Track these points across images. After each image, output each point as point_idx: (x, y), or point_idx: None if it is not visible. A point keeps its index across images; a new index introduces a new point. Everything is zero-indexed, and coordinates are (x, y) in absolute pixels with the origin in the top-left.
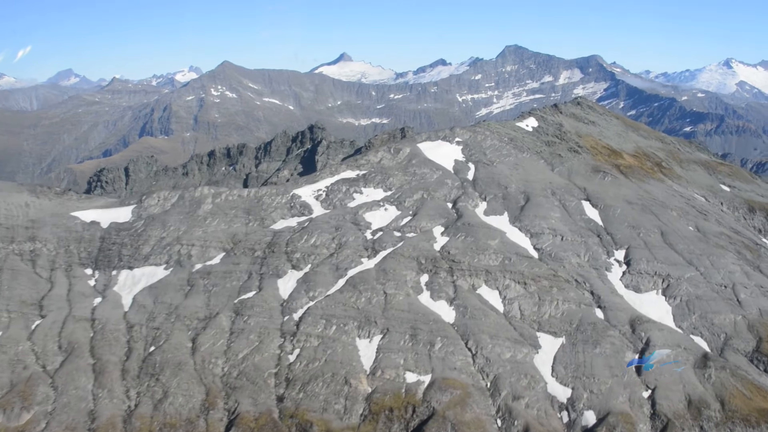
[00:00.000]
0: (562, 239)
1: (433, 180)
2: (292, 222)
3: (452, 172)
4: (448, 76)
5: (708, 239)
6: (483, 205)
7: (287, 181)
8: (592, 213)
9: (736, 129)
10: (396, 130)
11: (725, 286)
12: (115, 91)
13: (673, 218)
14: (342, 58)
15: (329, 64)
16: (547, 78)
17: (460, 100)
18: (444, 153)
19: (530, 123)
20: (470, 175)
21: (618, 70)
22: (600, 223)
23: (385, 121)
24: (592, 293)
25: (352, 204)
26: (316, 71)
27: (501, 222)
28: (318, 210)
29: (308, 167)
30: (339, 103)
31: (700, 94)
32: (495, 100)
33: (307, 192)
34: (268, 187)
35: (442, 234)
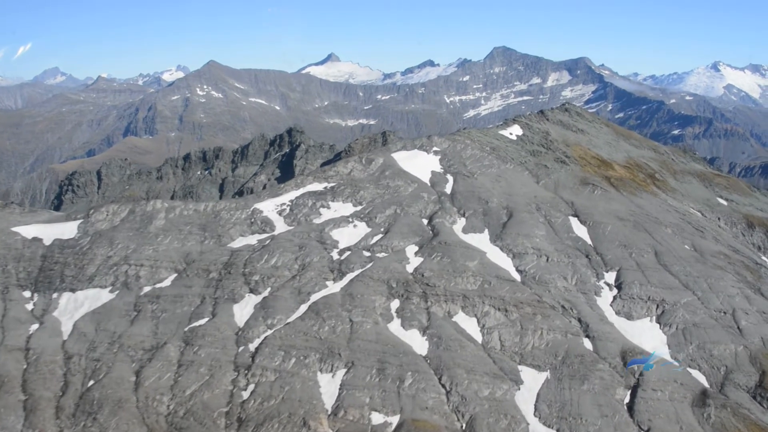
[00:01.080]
0: (547, 260)
1: (407, 193)
2: (252, 240)
3: (429, 184)
4: (436, 77)
5: (705, 259)
6: (461, 222)
7: (264, 187)
8: (581, 230)
9: (724, 132)
10: (377, 135)
11: (725, 312)
12: (100, 90)
13: (668, 236)
14: (330, 58)
15: (317, 64)
16: (536, 80)
17: (447, 101)
18: (420, 164)
19: (514, 131)
20: (448, 188)
21: (606, 72)
22: (589, 241)
23: (372, 122)
24: (579, 321)
25: (318, 220)
26: (304, 71)
27: (481, 240)
28: (281, 226)
29: (286, 172)
30: (326, 103)
31: (688, 97)
32: (483, 101)
33: (269, 206)
34: (227, 201)
35: (416, 254)
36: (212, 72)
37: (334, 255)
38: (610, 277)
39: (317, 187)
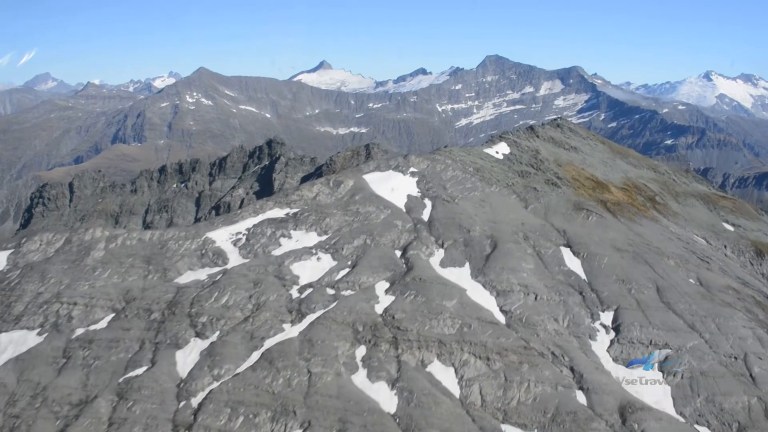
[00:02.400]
0: (536, 298)
1: (379, 221)
2: (202, 274)
3: (404, 210)
4: (428, 85)
5: (713, 295)
6: (439, 254)
7: (242, 201)
8: (574, 263)
9: (718, 142)
10: (360, 147)
11: (735, 358)
12: (89, 97)
13: (671, 269)
14: (322, 65)
15: (309, 71)
16: (528, 89)
17: (440, 110)
18: (395, 186)
19: (501, 149)
20: (425, 215)
21: (599, 81)
22: (583, 276)
23: (363, 131)
24: (572, 370)
25: (277, 251)
26: (295, 79)
27: (461, 276)
28: (235, 259)
29: (265, 186)
30: (317, 111)
31: (680, 107)
32: (475, 110)
33: (223, 235)
34: (176, 228)
35: (387, 291)
36: (202, 79)
37: (294, 293)
38: (607, 317)
39: (278, 213)
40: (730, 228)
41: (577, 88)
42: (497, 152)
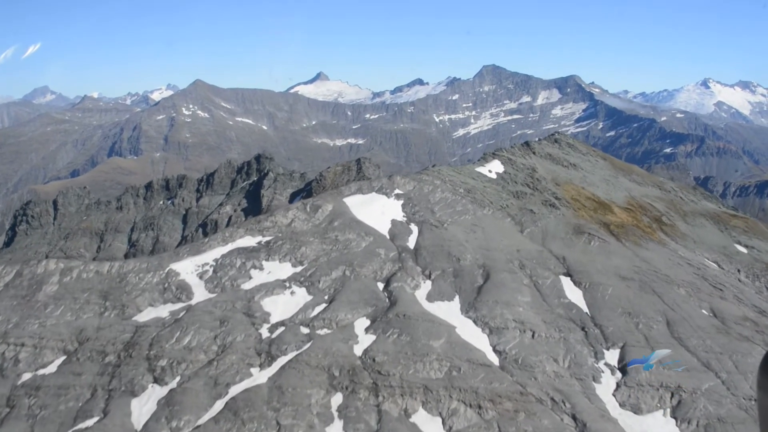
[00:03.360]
0: (533, 336)
1: (360, 250)
2: (163, 311)
3: (387, 237)
4: (425, 95)
5: (728, 328)
6: (426, 286)
7: (229, 219)
8: (574, 294)
9: (717, 150)
10: (351, 162)
11: (755, 400)
12: (86, 110)
13: (682, 298)
14: (319, 77)
15: (306, 83)
16: (525, 98)
17: (437, 120)
18: (378, 211)
19: (494, 168)
20: (411, 242)
21: (597, 90)
22: (585, 308)
23: (360, 142)
24: (574, 418)
25: (247, 285)
26: (292, 90)
27: (450, 311)
28: (200, 293)
29: (254, 202)
30: (314, 123)
31: (679, 115)
32: (472, 120)
33: (188, 267)
34: (137, 260)
35: (367, 330)
36: (198, 91)
37: (264, 332)
38: (612, 356)
39: (249, 241)
40: (743, 250)
41: (575, 97)
42: (490, 171)
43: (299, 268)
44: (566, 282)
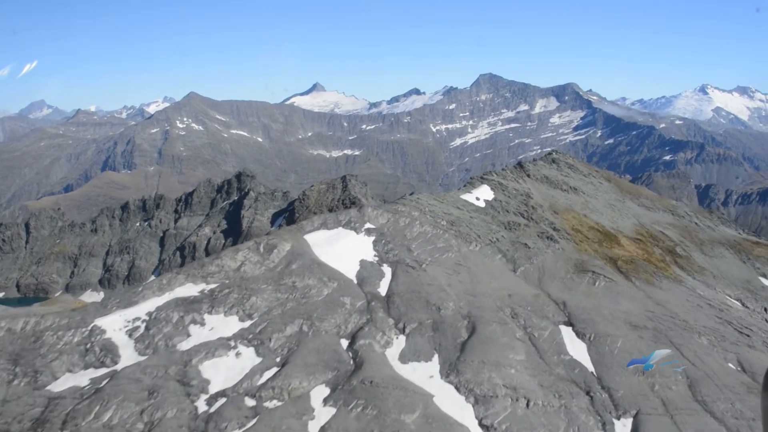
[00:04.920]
0: (528, 405)
1: (321, 299)
2: (83, 378)
3: (355, 282)
4: (421, 105)
5: (760, 385)
6: (399, 342)
7: (208, 241)
8: (577, 348)
9: (717, 157)
10: (336, 180)
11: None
12: (80, 124)
13: (704, 350)
14: (315, 88)
15: (302, 94)
16: (523, 107)
17: (434, 130)
18: (345, 249)
19: (482, 194)
20: (383, 287)
21: (594, 97)
22: (590, 367)
23: (357, 153)
24: None
25: (184, 344)
26: (289, 101)
27: (427, 374)
28: (128, 355)
29: (233, 223)
30: (310, 134)
31: (678, 121)
32: (470, 129)
33: (116, 323)
34: (57, 314)
35: (326, 401)
36: (192, 104)
37: (201, 404)
38: (624, 426)
39: (190, 290)
40: None
41: (573, 105)
42: (478, 198)
43: (247, 323)
44: (567, 333)
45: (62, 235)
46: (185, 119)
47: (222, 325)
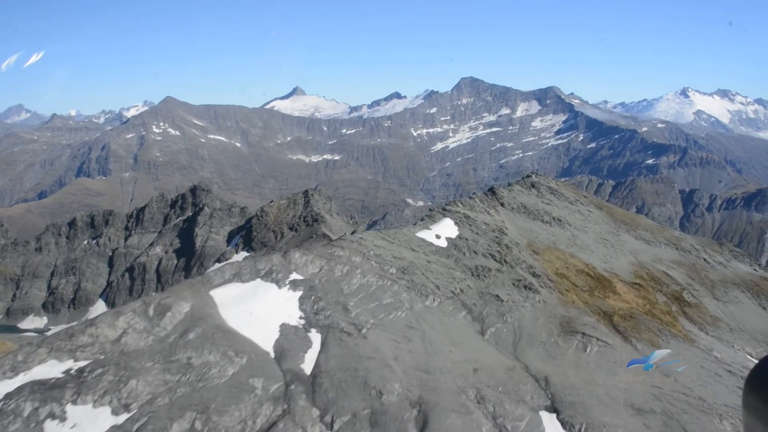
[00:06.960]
0: None
1: (224, 381)
2: None
3: (272, 355)
4: (402, 109)
5: None
6: None
7: (159, 262)
8: None
9: (700, 161)
10: (298, 195)
11: None
12: (55, 129)
13: None
14: (295, 92)
15: (282, 98)
16: (504, 110)
17: (414, 134)
18: (263, 310)
19: (444, 230)
20: (308, 364)
21: (576, 101)
22: None
23: (336, 158)
24: None
25: None
26: (268, 106)
27: None
28: None
29: (187, 242)
30: (289, 139)
31: (660, 125)
32: (451, 134)
33: None
34: None
35: None
36: (169, 108)
37: None
38: None
39: (53, 369)
40: None
41: (555, 108)
42: (438, 236)
43: (122, 417)
44: (551, 423)
45: (4, 253)
46: (162, 124)
47: (88, 420)
